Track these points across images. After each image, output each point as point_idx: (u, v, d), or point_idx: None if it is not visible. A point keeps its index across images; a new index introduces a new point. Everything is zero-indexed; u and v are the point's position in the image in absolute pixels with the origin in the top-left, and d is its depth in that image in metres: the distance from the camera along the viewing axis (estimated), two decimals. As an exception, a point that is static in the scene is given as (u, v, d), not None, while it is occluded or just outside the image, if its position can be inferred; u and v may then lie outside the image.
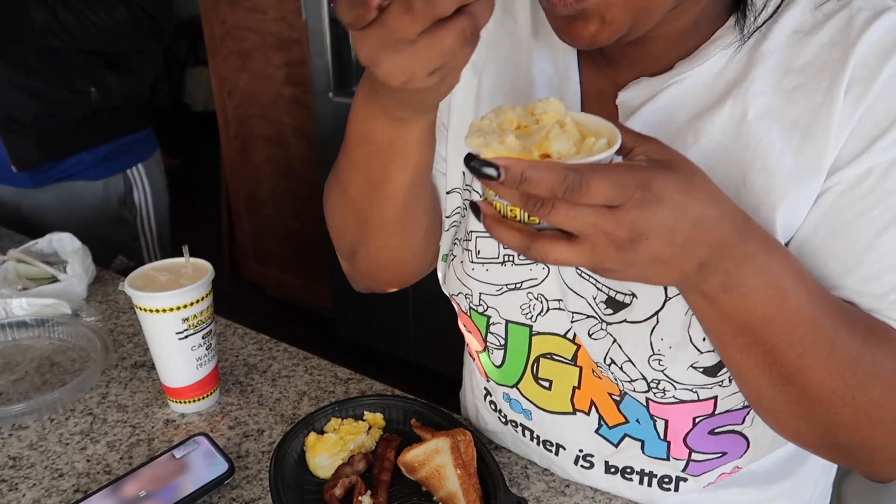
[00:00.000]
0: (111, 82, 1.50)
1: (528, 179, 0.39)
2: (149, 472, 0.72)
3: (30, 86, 1.41)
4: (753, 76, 0.54)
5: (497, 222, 0.43)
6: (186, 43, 5.24)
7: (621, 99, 0.59)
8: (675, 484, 0.68)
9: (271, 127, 2.67)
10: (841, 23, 0.52)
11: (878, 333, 0.51)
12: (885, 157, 0.50)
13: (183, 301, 0.77)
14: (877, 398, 0.50)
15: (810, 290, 0.49)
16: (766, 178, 0.53)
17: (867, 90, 0.50)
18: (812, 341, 0.48)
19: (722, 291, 0.46)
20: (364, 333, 2.63)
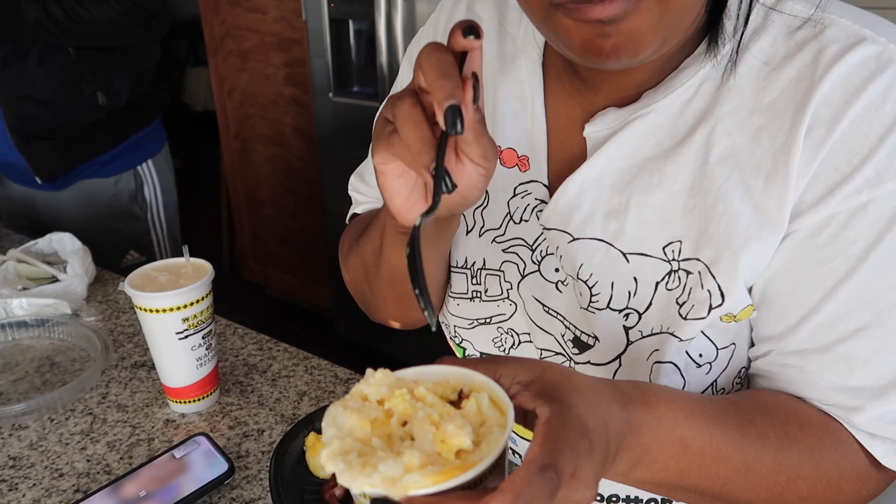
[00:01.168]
0: (115, 84, 1.51)
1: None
2: (149, 472, 0.72)
3: (38, 98, 1.43)
4: (720, 113, 0.52)
5: None
6: (186, 43, 5.25)
7: (588, 132, 0.57)
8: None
9: (271, 127, 2.67)
10: (809, 57, 0.49)
11: (792, 434, 0.50)
12: (845, 205, 0.48)
13: (183, 301, 0.77)
14: (806, 494, 0.51)
15: (709, 424, 0.48)
16: (727, 223, 0.51)
17: (829, 133, 0.48)
18: (727, 472, 0.48)
19: (632, 468, 0.45)
20: (364, 333, 2.63)
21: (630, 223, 0.55)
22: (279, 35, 2.47)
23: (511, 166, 0.62)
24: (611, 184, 0.56)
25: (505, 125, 0.62)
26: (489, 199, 0.64)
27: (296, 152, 2.65)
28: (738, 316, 0.54)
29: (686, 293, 0.54)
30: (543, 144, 0.60)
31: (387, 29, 1.96)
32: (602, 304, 0.57)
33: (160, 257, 1.06)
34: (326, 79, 2.24)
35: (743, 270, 0.52)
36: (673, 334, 0.55)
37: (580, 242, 0.57)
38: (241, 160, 2.87)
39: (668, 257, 0.54)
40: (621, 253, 0.56)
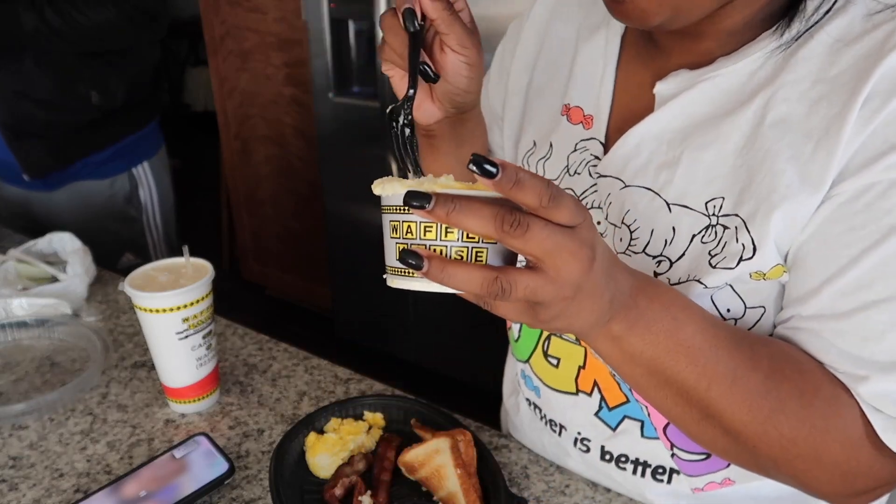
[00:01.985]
0: (112, 84, 1.50)
1: (521, 181, 0.38)
2: (149, 472, 0.72)
3: (33, 96, 1.42)
4: (783, 81, 0.54)
5: (449, 265, 0.41)
6: (186, 43, 5.25)
7: (658, 88, 0.61)
8: (668, 475, 0.68)
9: (271, 127, 2.67)
10: (881, 36, 0.51)
11: (788, 372, 0.52)
12: (886, 175, 0.49)
13: (183, 301, 0.77)
14: (787, 433, 0.51)
15: (703, 320, 0.50)
16: (770, 181, 0.53)
17: (884, 105, 0.49)
18: (713, 372, 0.50)
19: (626, 330, 0.47)
20: (364, 333, 2.63)
21: (679, 176, 0.59)
22: (279, 35, 2.47)
23: (576, 123, 0.68)
24: (669, 138, 0.60)
25: (577, 86, 0.68)
26: (552, 152, 0.70)
27: (296, 152, 2.65)
28: (767, 274, 0.55)
29: (720, 246, 0.56)
30: (607, 105, 0.66)
31: (387, 29, 1.95)
32: (639, 249, 0.60)
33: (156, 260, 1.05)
34: (326, 79, 2.24)
35: (776, 225, 0.53)
36: (699, 281, 0.57)
37: (630, 189, 0.62)
38: (241, 160, 2.87)
39: (709, 212, 0.57)
40: (665, 203, 0.59)
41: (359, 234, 2.40)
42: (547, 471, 0.75)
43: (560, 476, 0.75)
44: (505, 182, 0.38)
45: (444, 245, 0.42)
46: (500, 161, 0.38)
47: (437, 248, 0.42)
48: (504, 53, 0.79)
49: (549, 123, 0.71)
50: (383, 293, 2.46)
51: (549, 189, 0.39)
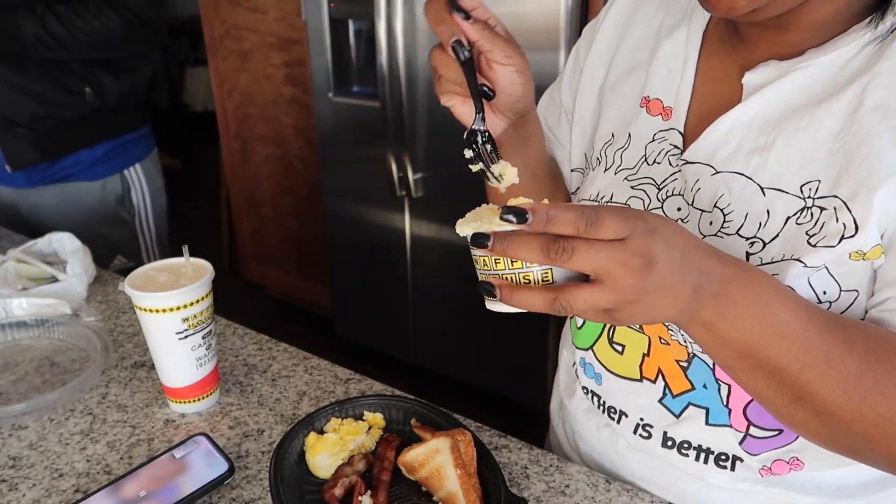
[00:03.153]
0: (106, 83, 1.50)
1: (553, 218, 0.44)
2: (149, 472, 0.72)
3: (26, 87, 1.41)
4: (879, 69, 0.55)
5: (516, 290, 0.47)
6: (186, 43, 5.25)
7: (747, 79, 0.62)
8: (731, 462, 0.68)
9: (271, 127, 2.67)
10: None
11: (883, 352, 0.52)
12: None
13: (183, 301, 0.77)
14: (885, 412, 0.51)
15: (797, 305, 0.51)
16: (870, 162, 0.54)
17: None
18: (807, 356, 0.50)
19: (717, 317, 0.49)
20: (363, 334, 2.63)
21: (772, 160, 0.60)
22: (279, 35, 2.47)
23: (655, 114, 0.70)
24: (760, 125, 0.61)
25: (656, 79, 0.71)
26: (630, 143, 0.72)
27: (296, 152, 2.65)
28: (867, 254, 0.56)
29: (817, 226, 0.57)
30: (687, 97, 0.68)
31: (387, 29, 1.96)
32: (731, 231, 0.62)
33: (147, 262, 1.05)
34: (326, 79, 2.24)
35: (878, 205, 0.54)
36: (798, 259, 0.58)
37: (722, 175, 0.63)
38: (241, 160, 2.87)
39: (804, 194, 0.58)
40: (759, 187, 0.61)
41: (359, 234, 2.40)
42: (547, 471, 0.75)
43: (560, 476, 0.75)
44: (537, 224, 0.44)
45: (513, 273, 0.48)
46: (529, 206, 0.44)
47: (508, 275, 0.49)
48: (578, 53, 0.82)
49: (628, 115, 0.73)
50: (383, 293, 2.46)
51: (585, 216, 0.43)
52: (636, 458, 0.75)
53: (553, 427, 0.92)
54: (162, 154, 1.81)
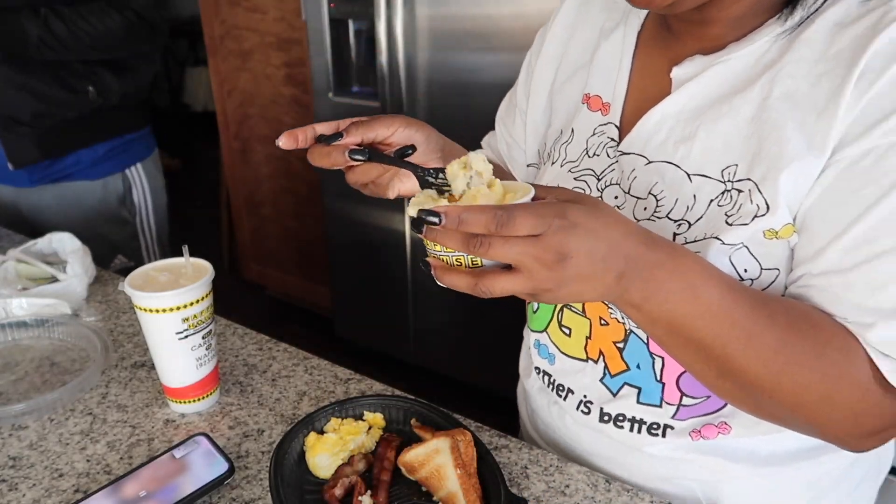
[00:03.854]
0: (109, 82, 1.50)
1: (465, 220, 0.48)
2: (149, 472, 0.72)
3: (28, 85, 1.41)
4: (787, 60, 0.60)
5: (445, 271, 0.52)
6: (186, 43, 5.25)
7: (675, 73, 0.67)
8: (662, 430, 0.73)
9: (271, 127, 2.67)
10: (875, 18, 0.56)
11: (802, 327, 0.57)
12: (884, 140, 0.54)
13: (183, 301, 0.77)
14: (801, 381, 0.56)
15: (721, 286, 0.55)
16: (779, 147, 0.59)
17: (878, 78, 0.54)
18: (730, 333, 0.55)
19: (644, 300, 0.53)
20: (363, 333, 2.63)
21: (696, 148, 0.65)
22: (279, 35, 2.47)
23: (595, 110, 0.75)
24: (686, 117, 0.66)
25: (596, 77, 0.76)
26: (573, 138, 0.77)
27: (296, 152, 2.65)
28: (779, 232, 0.60)
29: (735, 207, 0.61)
30: (623, 93, 0.73)
31: (387, 29, 1.96)
32: (662, 214, 0.66)
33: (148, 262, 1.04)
34: (326, 79, 2.24)
35: (784, 185, 0.59)
36: (717, 238, 0.62)
37: (654, 164, 0.68)
38: (241, 160, 2.87)
39: (725, 178, 0.63)
40: (686, 174, 0.65)
41: (359, 234, 2.40)
42: (547, 471, 0.75)
43: (560, 476, 0.75)
44: (450, 225, 0.48)
45: (448, 255, 0.53)
46: (441, 209, 0.48)
47: (443, 257, 0.53)
48: (531, 56, 0.88)
49: (572, 112, 0.78)
50: (383, 293, 2.46)
51: (496, 218, 0.47)
52: (581, 432, 0.80)
53: (519, 412, 0.97)
54: (162, 154, 1.81)
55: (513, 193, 0.54)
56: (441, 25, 1.90)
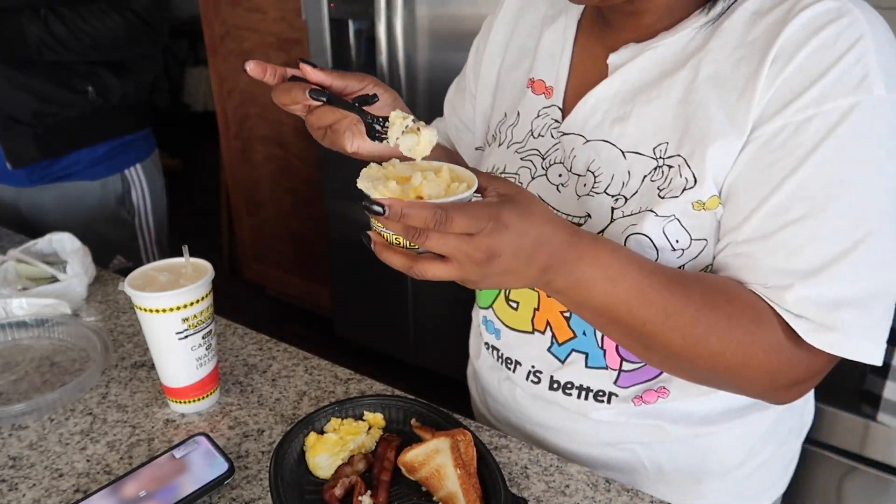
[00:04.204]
0: (109, 82, 1.50)
1: (406, 215, 0.51)
2: (149, 472, 0.72)
3: (28, 84, 1.41)
4: (710, 46, 0.66)
5: (385, 248, 0.56)
6: (186, 43, 5.24)
7: (611, 59, 0.72)
8: (607, 397, 0.77)
9: (271, 127, 2.67)
10: (786, 7, 0.62)
11: (717, 301, 0.62)
12: (795, 117, 0.60)
13: (183, 301, 0.77)
14: (716, 349, 0.62)
15: (638, 272, 0.60)
16: (704, 125, 0.65)
17: (790, 61, 0.60)
18: (647, 312, 0.61)
19: (568, 287, 0.59)
20: (363, 333, 2.63)
21: (630, 128, 0.70)
22: (279, 35, 2.47)
23: (539, 94, 0.80)
24: (620, 99, 0.71)
25: (540, 63, 0.81)
26: (519, 120, 0.81)
27: (296, 152, 2.65)
28: (706, 203, 0.66)
29: (666, 181, 0.67)
30: (564, 77, 0.78)
31: (387, 29, 1.96)
32: (600, 190, 0.71)
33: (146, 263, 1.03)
34: (326, 79, 2.24)
35: (711, 160, 0.64)
36: (651, 210, 0.67)
37: (591, 143, 0.73)
38: (241, 160, 2.87)
39: (657, 155, 0.68)
40: (621, 151, 0.71)
41: (359, 234, 2.39)
42: (547, 471, 0.75)
43: (560, 476, 0.75)
44: (393, 217, 0.52)
45: (389, 233, 0.57)
46: (386, 202, 0.52)
47: (385, 234, 0.57)
48: (479, 42, 0.92)
49: (518, 96, 0.83)
50: (383, 293, 2.46)
51: (435, 216, 0.51)
52: (531, 404, 0.83)
53: (471, 394, 1.01)
54: (162, 154, 1.80)
55: (458, 182, 0.58)
56: (441, 25, 1.90)
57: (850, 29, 0.59)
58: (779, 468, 0.86)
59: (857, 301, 0.60)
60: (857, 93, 0.58)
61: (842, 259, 0.60)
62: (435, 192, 0.56)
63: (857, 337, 0.60)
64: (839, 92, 0.59)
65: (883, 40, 0.60)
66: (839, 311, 0.60)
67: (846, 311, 0.60)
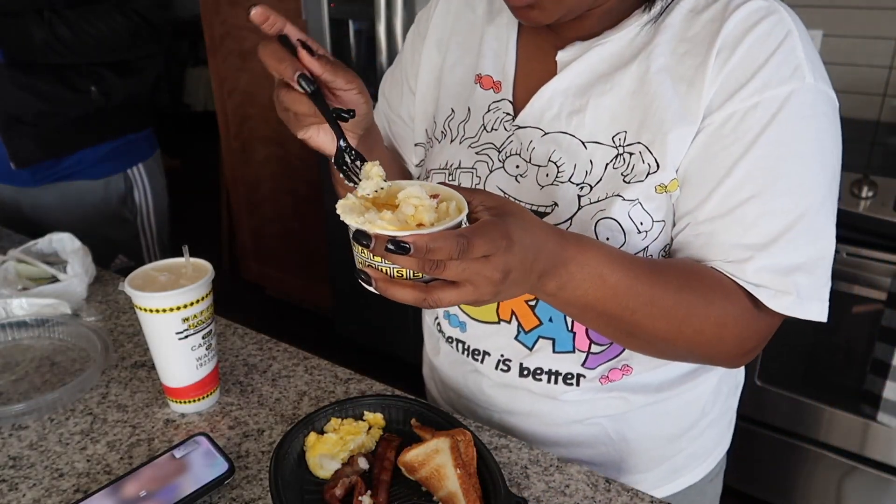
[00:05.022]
0: (112, 82, 1.50)
1: (433, 250, 0.50)
2: (149, 472, 0.72)
3: (32, 85, 1.41)
4: (656, 42, 0.71)
5: (390, 285, 0.55)
6: (186, 43, 5.25)
7: (560, 56, 0.75)
8: (576, 380, 0.80)
9: (271, 127, 2.67)
10: (721, 6, 0.68)
11: (692, 283, 0.67)
12: (742, 105, 0.66)
13: (183, 301, 0.77)
14: (697, 327, 0.67)
15: (623, 266, 0.63)
16: (661, 114, 0.69)
17: (732, 54, 0.66)
18: (635, 303, 0.64)
19: (559, 289, 0.60)
20: (364, 333, 2.63)
21: (588, 119, 0.73)
22: (279, 35, 2.47)
23: (487, 88, 0.82)
24: (574, 92, 0.75)
25: (486, 59, 0.82)
26: (470, 115, 0.82)
27: (296, 152, 2.65)
28: (668, 186, 0.70)
29: (629, 168, 0.71)
30: (512, 71, 0.80)
31: (387, 29, 1.96)
32: (564, 179, 0.74)
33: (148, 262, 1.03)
34: (326, 79, 2.24)
35: (670, 146, 0.69)
36: (618, 195, 0.71)
37: (550, 135, 0.76)
38: (241, 160, 2.87)
39: (616, 144, 0.72)
40: (581, 142, 0.74)
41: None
42: (547, 471, 0.75)
43: (560, 476, 0.75)
44: (418, 255, 0.50)
45: (389, 266, 0.54)
46: (409, 239, 0.50)
47: (383, 268, 0.55)
48: (414, 37, 0.92)
49: (465, 92, 0.84)
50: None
51: (458, 245, 0.50)
52: (499, 393, 0.85)
53: (428, 390, 1.02)
54: (162, 154, 1.81)
55: (446, 202, 0.56)
56: (441, 25, 1.90)
57: (780, 25, 0.66)
58: (724, 424, 0.92)
59: (806, 266, 0.67)
60: (791, 81, 0.65)
61: (790, 229, 0.66)
62: (431, 218, 0.54)
63: (808, 298, 0.67)
64: (777, 81, 0.65)
65: (804, 35, 0.68)
66: (793, 276, 0.66)
67: (799, 276, 0.66)
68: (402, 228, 0.52)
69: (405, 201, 0.55)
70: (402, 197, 0.55)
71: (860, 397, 1.66)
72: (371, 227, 0.52)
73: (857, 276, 1.61)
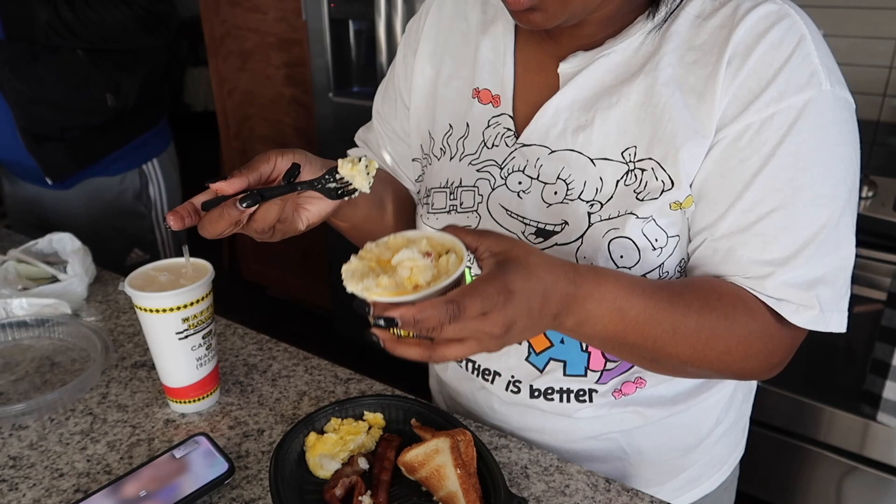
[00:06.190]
0: (125, 85, 1.52)
1: (420, 321, 0.50)
2: (149, 472, 0.72)
3: (48, 100, 1.43)
4: (663, 52, 0.68)
5: (397, 345, 0.54)
6: (186, 43, 5.25)
7: (562, 69, 0.72)
8: (589, 396, 0.78)
9: (271, 127, 2.67)
10: (729, 11, 0.65)
11: (712, 303, 0.65)
12: (757, 116, 0.63)
13: (183, 301, 0.77)
14: (722, 348, 0.65)
15: (644, 297, 0.61)
16: (672, 127, 0.66)
17: (744, 63, 0.64)
18: (657, 332, 0.62)
19: (578, 326, 0.59)
20: (363, 332, 2.62)
21: (595, 134, 0.70)
22: (279, 35, 2.48)
23: (486, 103, 0.79)
24: (579, 106, 0.72)
25: (483, 71, 0.79)
26: (469, 131, 0.79)
27: (296, 152, 2.65)
28: (683, 203, 0.68)
29: (642, 185, 0.68)
30: (511, 85, 0.77)
31: (387, 29, 1.96)
32: (574, 196, 0.72)
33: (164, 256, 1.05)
34: (326, 79, 2.24)
35: (684, 162, 0.66)
36: (632, 213, 0.69)
37: (557, 153, 0.73)
38: (241, 160, 2.87)
39: (626, 159, 0.69)
40: (589, 159, 0.71)
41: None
42: (547, 471, 0.75)
43: (560, 476, 0.75)
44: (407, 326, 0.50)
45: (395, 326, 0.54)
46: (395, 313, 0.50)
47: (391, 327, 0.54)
48: (406, 50, 0.88)
49: (462, 107, 0.80)
50: (383, 293, 2.46)
51: (448, 312, 0.49)
52: (511, 411, 0.82)
53: (436, 404, 1.00)
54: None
55: (446, 255, 0.56)
56: (441, 25, 1.90)
57: (792, 30, 0.63)
58: (739, 430, 0.91)
59: (828, 277, 0.65)
60: (808, 89, 0.63)
61: (812, 242, 0.64)
62: (428, 278, 0.54)
63: (830, 310, 0.65)
64: (793, 89, 0.63)
65: (818, 38, 0.65)
66: (815, 289, 0.65)
67: (821, 289, 0.65)
68: (400, 292, 0.53)
69: (400, 265, 0.55)
70: (395, 262, 0.55)
71: (860, 397, 1.66)
72: (369, 295, 0.53)
73: (857, 276, 1.60)
